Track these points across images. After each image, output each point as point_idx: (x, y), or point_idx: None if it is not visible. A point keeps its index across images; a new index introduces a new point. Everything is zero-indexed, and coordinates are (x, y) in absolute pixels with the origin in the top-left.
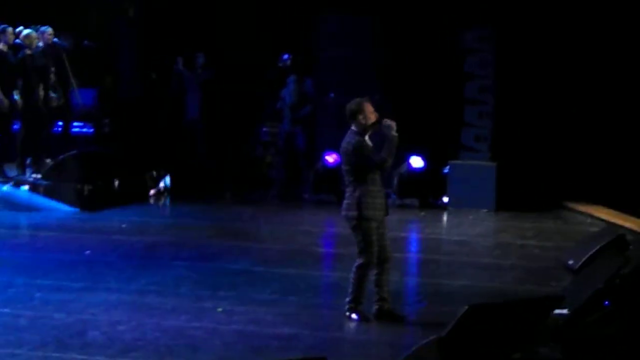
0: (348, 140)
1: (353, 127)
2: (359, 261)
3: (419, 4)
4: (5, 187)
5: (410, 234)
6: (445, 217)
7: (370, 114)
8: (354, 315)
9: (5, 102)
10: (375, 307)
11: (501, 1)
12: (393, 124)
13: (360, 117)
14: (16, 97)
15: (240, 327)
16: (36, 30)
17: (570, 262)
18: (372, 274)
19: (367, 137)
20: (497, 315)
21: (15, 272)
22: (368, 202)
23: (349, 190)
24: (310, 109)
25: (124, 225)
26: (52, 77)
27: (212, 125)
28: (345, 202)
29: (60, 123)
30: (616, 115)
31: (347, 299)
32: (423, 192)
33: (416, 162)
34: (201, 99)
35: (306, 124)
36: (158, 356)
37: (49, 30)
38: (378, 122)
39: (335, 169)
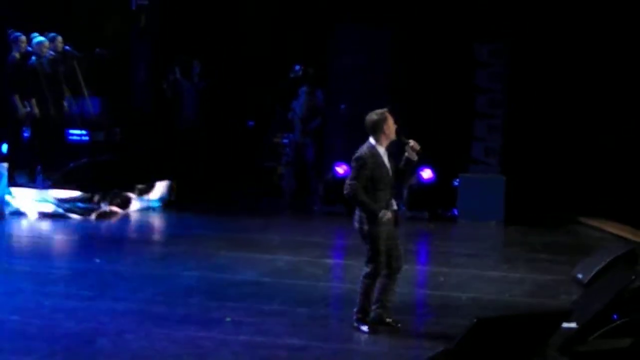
0: (359, 148)
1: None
2: (366, 270)
3: (432, 17)
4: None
5: (419, 246)
6: (454, 230)
7: (389, 131)
8: (362, 327)
9: (22, 110)
10: (373, 312)
11: (513, 16)
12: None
13: (385, 127)
14: (28, 105)
15: (248, 338)
16: (47, 38)
17: (580, 275)
18: (379, 282)
19: (384, 151)
20: (505, 328)
21: (24, 280)
22: (369, 218)
23: None
24: (320, 121)
25: (134, 235)
26: (63, 85)
27: (223, 135)
28: (355, 211)
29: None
30: (626, 129)
31: (355, 310)
32: (433, 204)
33: (426, 174)
34: (198, 107)
35: (316, 135)
36: None
37: (59, 38)
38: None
39: (345, 180)
